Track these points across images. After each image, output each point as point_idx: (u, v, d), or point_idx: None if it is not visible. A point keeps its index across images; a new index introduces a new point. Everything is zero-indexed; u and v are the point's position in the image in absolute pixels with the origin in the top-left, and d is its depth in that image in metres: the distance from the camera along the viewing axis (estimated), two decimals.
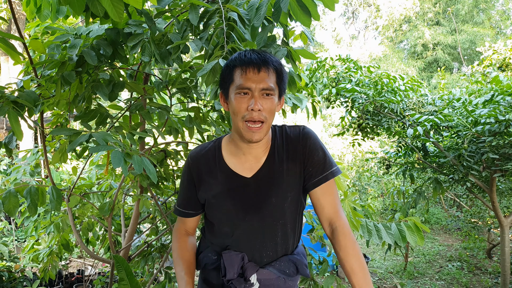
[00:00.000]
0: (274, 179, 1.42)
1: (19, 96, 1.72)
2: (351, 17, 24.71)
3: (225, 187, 1.43)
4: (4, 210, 1.94)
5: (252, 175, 1.43)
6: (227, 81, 1.35)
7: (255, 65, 1.29)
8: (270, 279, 1.45)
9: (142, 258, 2.90)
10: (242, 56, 1.32)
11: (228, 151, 1.47)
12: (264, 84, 1.29)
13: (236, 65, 1.31)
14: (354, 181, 10.10)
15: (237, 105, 1.31)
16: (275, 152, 1.45)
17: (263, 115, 1.30)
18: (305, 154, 1.44)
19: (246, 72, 1.29)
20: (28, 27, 2.30)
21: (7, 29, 9.17)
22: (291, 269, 1.49)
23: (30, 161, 2.75)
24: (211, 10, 1.67)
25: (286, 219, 1.45)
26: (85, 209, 2.68)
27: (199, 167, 1.47)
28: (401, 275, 5.91)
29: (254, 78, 1.28)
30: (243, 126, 1.31)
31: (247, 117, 1.30)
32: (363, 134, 4.78)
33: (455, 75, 16.22)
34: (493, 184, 4.12)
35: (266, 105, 1.30)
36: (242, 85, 1.29)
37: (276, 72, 1.33)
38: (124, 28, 1.83)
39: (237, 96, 1.31)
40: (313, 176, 1.44)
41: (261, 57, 1.31)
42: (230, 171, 1.44)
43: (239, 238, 1.45)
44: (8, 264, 4.10)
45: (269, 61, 1.31)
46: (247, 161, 1.44)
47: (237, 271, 1.42)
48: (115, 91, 1.99)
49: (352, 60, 4.74)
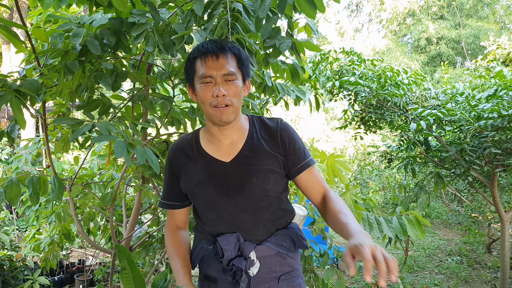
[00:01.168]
0: (254, 161, 1.45)
1: (21, 84, 1.71)
2: (355, 10, 24.59)
3: (206, 174, 1.46)
4: (6, 199, 1.94)
5: (231, 159, 1.46)
6: (190, 73, 1.42)
7: (213, 53, 1.34)
8: (270, 256, 1.47)
9: (143, 249, 2.91)
10: (200, 47, 1.38)
11: (205, 140, 1.52)
12: (225, 70, 1.34)
13: (196, 56, 1.38)
14: (356, 174, 10.10)
15: (202, 93, 1.37)
16: (253, 138, 1.49)
17: (228, 99, 1.36)
18: (285, 143, 1.49)
19: (205, 61, 1.35)
20: (31, 16, 2.28)
21: (8, 17, 9.14)
22: (287, 242, 1.51)
23: (31, 151, 2.75)
24: (216, 1, 1.66)
25: (271, 199, 1.47)
26: (87, 199, 2.68)
27: (180, 158, 1.52)
28: (401, 269, 5.93)
29: (214, 66, 1.34)
30: (212, 111, 1.37)
31: (214, 103, 1.35)
32: (366, 128, 4.77)
33: (458, 70, 16.17)
34: (494, 179, 4.11)
35: (230, 90, 1.36)
36: (204, 74, 1.35)
37: (236, 57, 1.39)
38: (128, 18, 1.82)
39: (202, 86, 1.37)
40: (296, 163, 1.50)
41: (217, 45, 1.36)
42: (209, 157, 1.48)
43: (229, 222, 1.46)
44: (9, 253, 4.12)
45: (226, 48, 1.36)
46: (223, 147, 1.48)
47: (235, 249, 1.43)
48: (118, 81, 1.98)
49: (356, 53, 4.71)
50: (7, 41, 8.79)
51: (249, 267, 1.42)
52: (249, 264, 1.42)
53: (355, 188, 2.48)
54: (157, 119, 2.16)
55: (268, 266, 1.46)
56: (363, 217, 2.35)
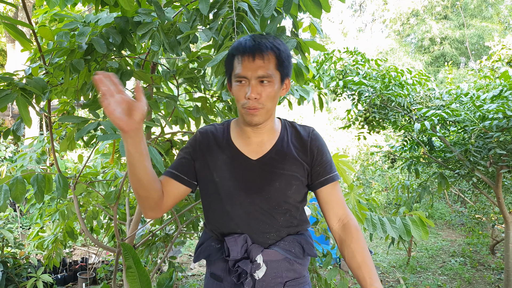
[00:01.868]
0: (280, 164, 1.43)
1: (27, 83, 1.72)
2: (358, 9, 24.55)
3: (230, 166, 1.44)
4: (11, 197, 1.95)
5: (258, 158, 1.44)
6: (228, 69, 1.38)
7: (250, 53, 1.29)
8: (277, 261, 1.44)
9: (146, 247, 2.92)
10: (239, 44, 1.33)
11: (235, 132, 1.49)
12: (260, 71, 1.29)
13: (234, 54, 1.33)
14: (359, 174, 10.09)
15: (236, 93, 1.34)
16: (283, 141, 1.47)
17: (260, 102, 1.32)
18: (314, 153, 1.47)
19: (242, 60, 1.30)
20: (36, 14, 2.29)
21: (14, 16, 9.17)
22: (296, 249, 1.48)
23: (36, 149, 2.76)
24: (221, 0, 1.66)
25: (289, 206, 1.45)
26: (91, 197, 2.69)
27: (208, 141, 1.48)
28: (404, 270, 5.92)
29: (250, 66, 1.29)
30: (244, 111, 1.35)
31: (246, 105, 1.32)
32: (369, 128, 4.76)
33: (462, 70, 16.12)
34: (499, 180, 4.10)
35: (263, 92, 1.31)
36: (239, 74, 1.31)
37: (275, 57, 1.32)
38: (133, 17, 1.83)
39: (236, 84, 1.34)
40: (320, 175, 1.47)
41: (256, 44, 1.30)
42: (237, 150, 1.45)
43: (241, 218, 1.44)
44: (13, 251, 4.14)
45: (264, 47, 1.30)
46: (252, 144, 1.46)
47: (241, 251, 1.41)
48: (123, 80, 1.99)
49: (360, 52, 4.70)
50: (12, 39, 8.82)
51: (254, 270, 1.40)
52: (255, 267, 1.40)
53: (359, 188, 2.48)
54: (162, 118, 2.17)
55: (274, 270, 1.44)
56: (367, 218, 2.34)
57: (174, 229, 3.06)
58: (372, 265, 1.37)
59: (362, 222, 2.29)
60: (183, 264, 5.80)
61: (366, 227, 2.33)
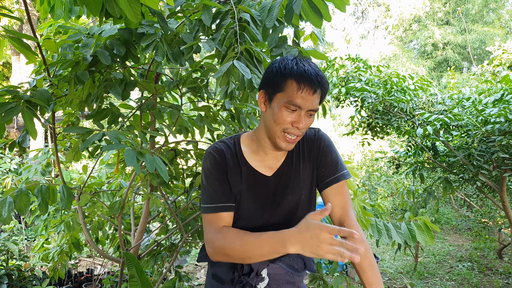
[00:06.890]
0: (292, 177, 1.46)
1: (32, 95, 1.74)
2: (361, 16, 24.61)
3: (247, 185, 1.45)
4: (15, 209, 1.96)
5: (273, 173, 1.47)
6: (276, 88, 1.32)
7: (312, 86, 1.27)
8: (279, 274, 1.48)
9: (152, 257, 2.92)
10: (300, 68, 1.28)
11: (249, 149, 1.48)
12: (313, 106, 1.30)
13: (292, 77, 1.28)
14: (364, 180, 10.07)
15: (281, 117, 1.31)
16: (293, 151, 1.50)
17: (302, 131, 1.34)
18: (319, 154, 1.50)
19: (302, 90, 1.27)
20: (41, 27, 2.32)
21: (18, 29, 9.26)
22: (299, 265, 1.52)
23: (41, 160, 2.77)
24: (224, 11, 1.68)
25: (298, 216, 1.47)
26: (96, 208, 2.70)
27: (226, 160, 1.45)
28: (411, 275, 5.88)
29: (307, 98, 1.28)
30: (281, 135, 1.34)
31: (288, 130, 1.32)
32: (373, 134, 4.77)
33: (465, 75, 16.11)
34: (503, 183, 4.08)
35: (307, 122, 1.34)
36: (294, 102, 1.28)
37: (324, 93, 1.33)
38: (137, 28, 1.85)
39: (284, 109, 1.30)
40: (325, 177, 1.49)
41: (318, 78, 1.28)
42: (252, 169, 1.46)
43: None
44: (18, 263, 4.13)
45: (323, 84, 1.30)
46: (267, 160, 1.47)
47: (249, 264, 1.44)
48: (127, 90, 2.01)
49: (362, 59, 4.72)
50: (17, 52, 8.90)
51: (258, 282, 1.44)
52: (259, 279, 1.44)
53: (363, 194, 2.48)
54: (166, 127, 2.18)
55: (276, 282, 1.48)
56: (372, 224, 2.34)
57: (180, 239, 3.06)
58: (372, 269, 1.38)
59: (366, 228, 2.29)
60: (189, 274, 5.80)
61: (371, 233, 2.33)
